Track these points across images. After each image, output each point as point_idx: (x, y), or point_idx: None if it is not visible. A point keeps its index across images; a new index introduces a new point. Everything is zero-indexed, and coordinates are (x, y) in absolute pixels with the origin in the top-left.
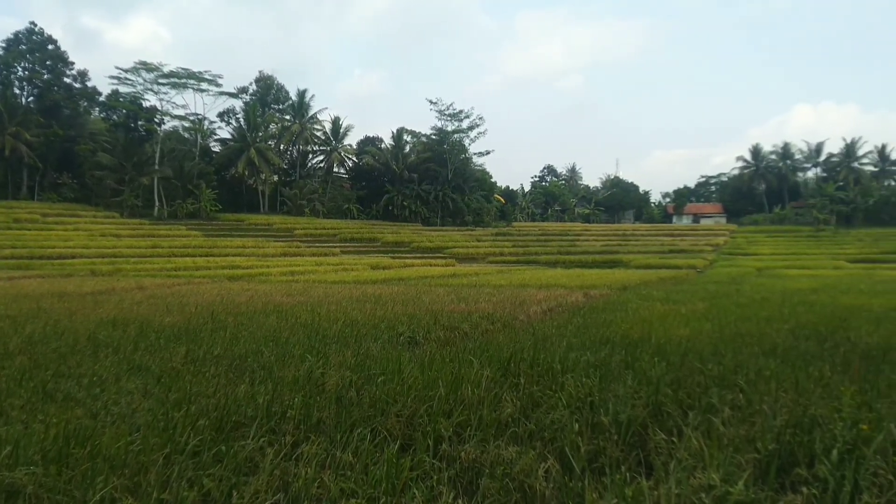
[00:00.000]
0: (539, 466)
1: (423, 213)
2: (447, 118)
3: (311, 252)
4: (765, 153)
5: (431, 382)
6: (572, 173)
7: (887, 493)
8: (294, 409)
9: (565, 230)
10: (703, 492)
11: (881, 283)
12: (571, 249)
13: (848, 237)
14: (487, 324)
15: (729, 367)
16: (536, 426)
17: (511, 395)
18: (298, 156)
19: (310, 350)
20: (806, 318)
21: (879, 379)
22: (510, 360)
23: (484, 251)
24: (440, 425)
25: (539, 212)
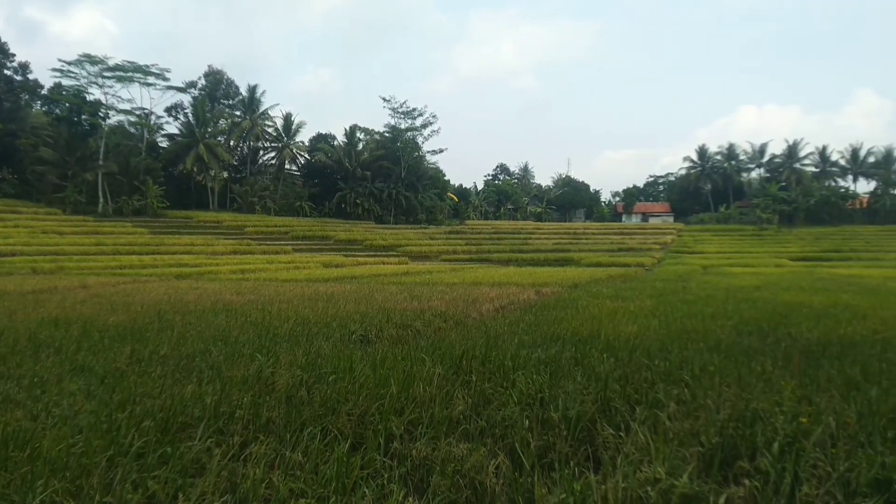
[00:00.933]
0: (489, 463)
1: (377, 211)
2: (401, 116)
3: (263, 250)
4: (711, 154)
5: (383, 381)
6: (525, 172)
7: (826, 484)
8: (243, 409)
9: (518, 228)
10: (649, 485)
11: (821, 281)
12: (524, 247)
13: (790, 236)
14: (440, 322)
15: (675, 363)
16: (487, 423)
17: (463, 392)
18: (249, 152)
19: (260, 349)
20: (749, 315)
21: (819, 373)
22: (462, 358)
23: (437, 249)
24: (392, 423)
25: (492, 210)
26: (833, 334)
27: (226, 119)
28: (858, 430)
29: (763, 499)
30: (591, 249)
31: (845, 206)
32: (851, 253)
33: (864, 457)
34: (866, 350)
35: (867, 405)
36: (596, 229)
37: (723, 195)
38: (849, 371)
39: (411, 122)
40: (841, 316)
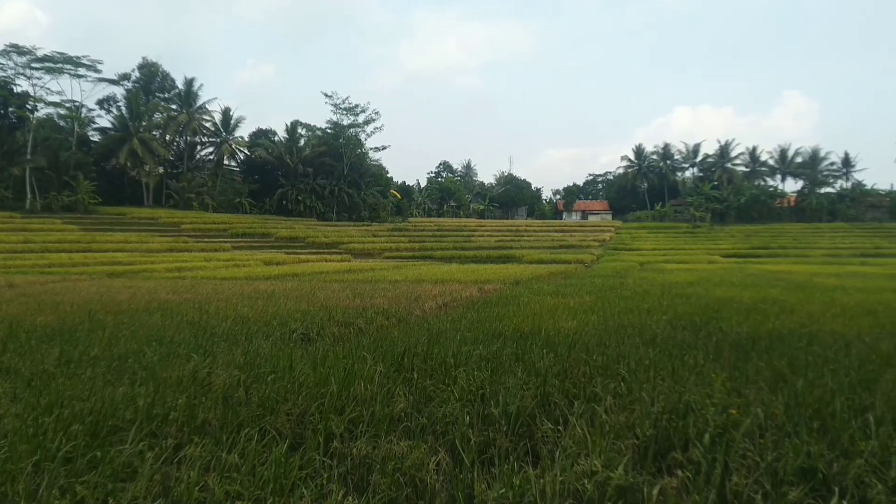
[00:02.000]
0: (430, 460)
1: (319, 208)
2: (343, 112)
3: (200, 247)
4: (647, 153)
5: (324, 379)
6: (468, 170)
7: (754, 473)
8: (177, 410)
9: (461, 226)
10: (585, 478)
11: (751, 277)
12: (467, 245)
13: (722, 233)
14: (382, 319)
15: (612, 357)
16: (429, 420)
17: (404, 389)
18: (186, 147)
19: (196, 349)
20: (683, 310)
21: (748, 366)
22: (404, 355)
23: (380, 246)
24: (332, 422)
25: (435, 207)
26: (762, 328)
27: (161, 113)
28: (785, 421)
29: (695, 489)
30: (532, 247)
31: (774, 204)
32: (780, 250)
33: (790, 446)
34: (793, 343)
35: (793, 397)
36: (537, 227)
37: (659, 194)
38: (776, 364)
39: (354, 119)
40: (770, 310)
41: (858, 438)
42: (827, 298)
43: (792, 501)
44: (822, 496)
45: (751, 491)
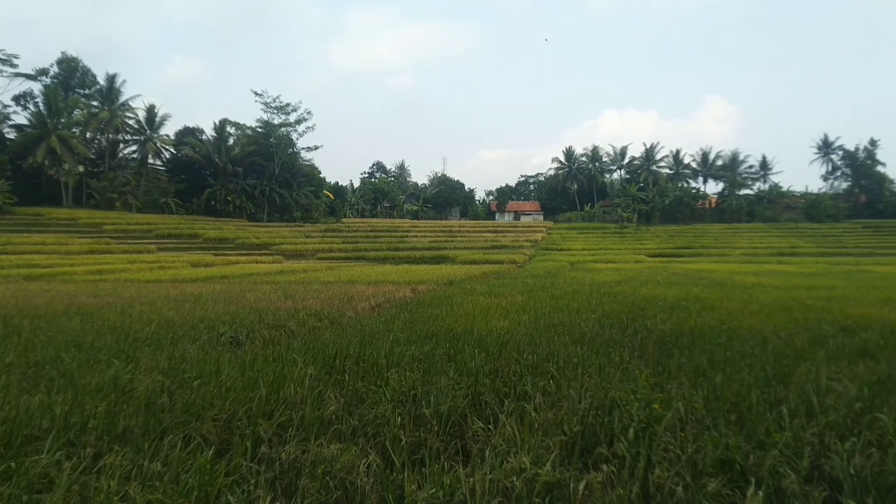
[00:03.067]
0: (361, 462)
1: (249, 209)
2: (273, 111)
3: (123, 249)
4: (577, 155)
5: (252, 383)
6: (401, 170)
7: (676, 466)
8: (97, 418)
9: (394, 226)
10: (514, 475)
11: (675, 276)
12: (400, 245)
13: (648, 234)
14: (315, 321)
15: (542, 356)
16: (360, 422)
17: (335, 392)
18: (108, 145)
19: (118, 354)
20: (611, 308)
21: (670, 362)
22: (336, 357)
23: (313, 247)
24: (260, 427)
25: (369, 208)
26: (685, 325)
27: (82, 109)
28: (705, 415)
29: (619, 482)
30: (466, 247)
31: (696, 205)
32: (702, 249)
33: (709, 439)
34: (713, 339)
35: (713, 391)
36: (471, 227)
37: (588, 195)
38: (697, 359)
39: (285, 118)
40: (692, 308)
41: (773, 430)
42: (745, 296)
43: (710, 493)
44: (739, 487)
45: (672, 483)
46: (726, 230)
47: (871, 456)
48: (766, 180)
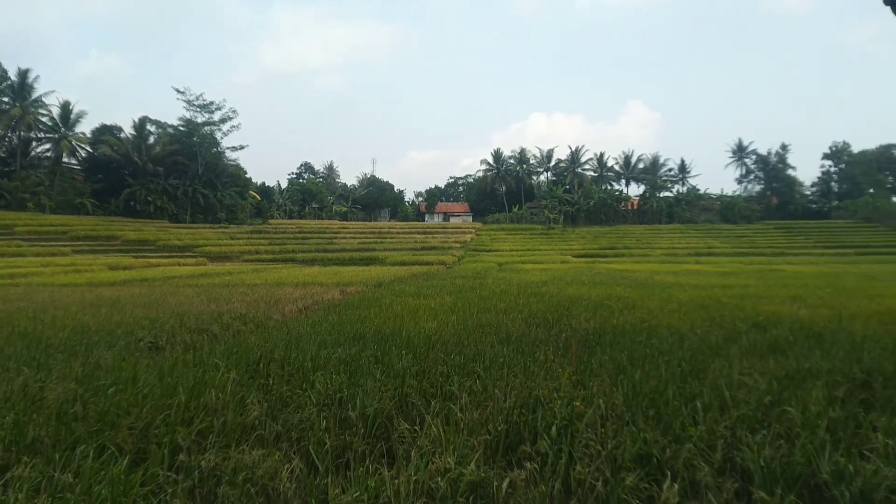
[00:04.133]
0: (284, 468)
1: (171, 210)
2: (197, 109)
3: (36, 252)
4: (505, 157)
5: (171, 389)
6: (330, 171)
7: (596, 461)
8: (5, 429)
9: (323, 228)
10: (439, 475)
11: (599, 276)
12: (329, 247)
13: (573, 235)
14: (239, 324)
15: (469, 356)
16: (284, 427)
17: (259, 396)
18: (19, 143)
19: (29, 362)
20: (537, 308)
21: (593, 360)
22: (260, 361)
23: (238, 249)
24: (178, 435)
25: (297, 209)
26: (607, 324)
27: None
28: (625, 411)
29: (542, 479)
30: (395, 248)
31: (619, 207)
32: (625, 250)
33: (628, 434)
34: (634, 337)
35: (632, 387)
36: (400, 228)
37: (516, 196)
38: (618, 357)
39: (209, 116)
40: (615, 307)
41: (688, 424)
42: (665, 295)
43: (628, 487)
44: (656, 480)
45: (592, 479)
46: (648, 231)
47: (780, 447)
48: (685, 183)
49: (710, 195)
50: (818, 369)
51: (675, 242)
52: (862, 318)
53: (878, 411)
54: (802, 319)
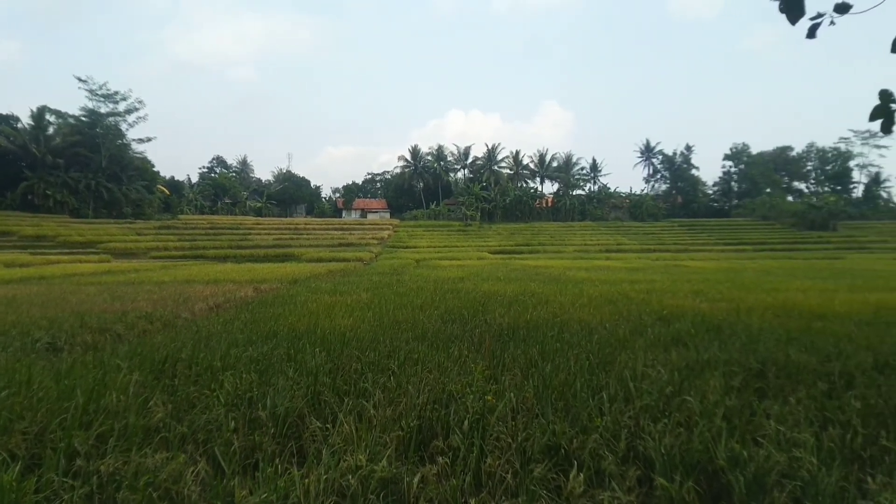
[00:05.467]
0: (188, 470)
1: (72, 204)
2: (100, 99)
3: None
4: (423, 154)
5: (69, 392)
6: (244, 165)
7: (506, 454)
8: None
9: (236, 223)
10: (350, 473)
11: (514, 272)
12: (243, 243)
13: (490, 231)
14: (145, 323)
15: (384, 353)
16: (189, 428)
17: (164, 398)
18: None
19: None
20: (453, 304)
21: (505, 355)
22: (166, 361)
23: (145, 246)
24: (76, 438)
25: (208, 204)
26: (521, 319)
27: None
28: (535, 403)
29: (453, 473)
30: (312, 245)
31: (535, 205)
32: (539, 246)
33: (538, 427)
34: (546, 332)
35: (542, 380)
36: (317, 225)
37: (434, 193)
38: (530, 351)
39: (113, 107)
40: (528, 302)
41: (595, 415)
42: (577, 290)
43: (537, 477)
44: (564, 470)
45: (502, 471)
46: (561, 228)
47: (680, 435)
48: (597, 182)
49: (619, 194)
50: (717, 360)
51: (587, 239)
52: (758, 311)
53: (771, 399)
54: (704, 313)
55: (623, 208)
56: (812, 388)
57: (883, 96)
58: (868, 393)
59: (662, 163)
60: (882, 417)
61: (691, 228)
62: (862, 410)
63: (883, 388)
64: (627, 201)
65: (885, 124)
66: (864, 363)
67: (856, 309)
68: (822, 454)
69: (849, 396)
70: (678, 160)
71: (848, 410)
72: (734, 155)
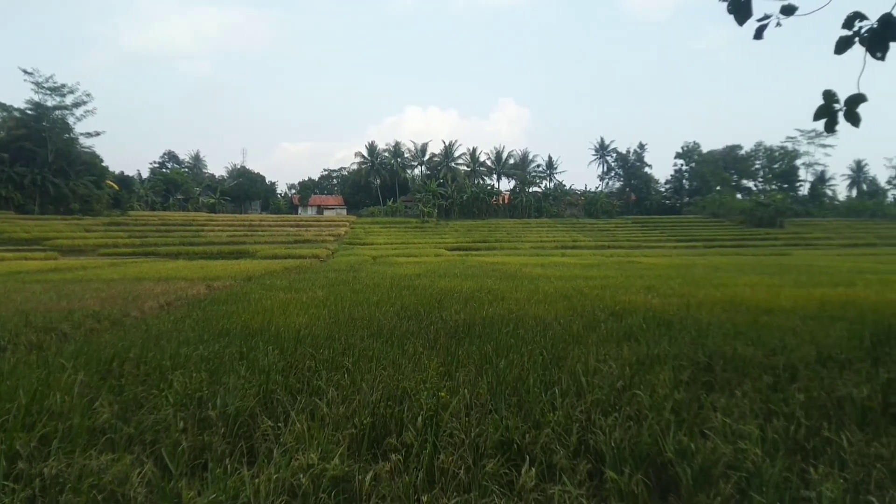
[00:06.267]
0: (134, 472)
1: (17, 199)
2: (47, 92)
3: None
4: (380, 151)
5: (11, 393)
6: (196, 161)
7: (459, 450)
8: None
9: (189, 220)
10: (301, 472)
11: (471, 268)
12: (195, 240)
13: (447, 228)
14: (93, 322)
15: (339, 350)
16: (136, 429)
17: (110, 398)
18: None
19: None
20: (409, 301)
21: (460, 351)
22: (113, 361)
23: (94, 243)
24: (18, 440)
25: (160, 200)
26: (477, 315)
27: None
28: (489, 399)
29: (406, 470)
30: (267, 241)
31: (491, 201)
32: (496, 243)
33: (491, 422)
34: (501, 328)
35: (496, 376)
36: (272, 221)
37: (391, 190)
38: (485, 347)
39: (60, 100)
40: (484, 299)
41: (547, 410)
42: (532, 287)
43: (489, 473)
44: (516, 465)
45: (455, 467)
46: (518, 225)
47: (630, 429)
48: (552, 179)
49: (575, 191)
50: (667, 354)
51: (543, 236)
52: (707, 306)
53: (718, 392)
54: (655, 308)
55: (578, 205)
56: (758, 381)
57: (826, 96)
58: (811, 385)
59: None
60: (824, 409)
61: (644, 225)
62: (805, 403)
63: (825, 380)
64: (582, 199)
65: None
66: (808, 356)
67: (800, 304)
68: (766, 446)
69: (793, 389)
70: (632, 158)
71: (792, 403)
72: (685, 153)
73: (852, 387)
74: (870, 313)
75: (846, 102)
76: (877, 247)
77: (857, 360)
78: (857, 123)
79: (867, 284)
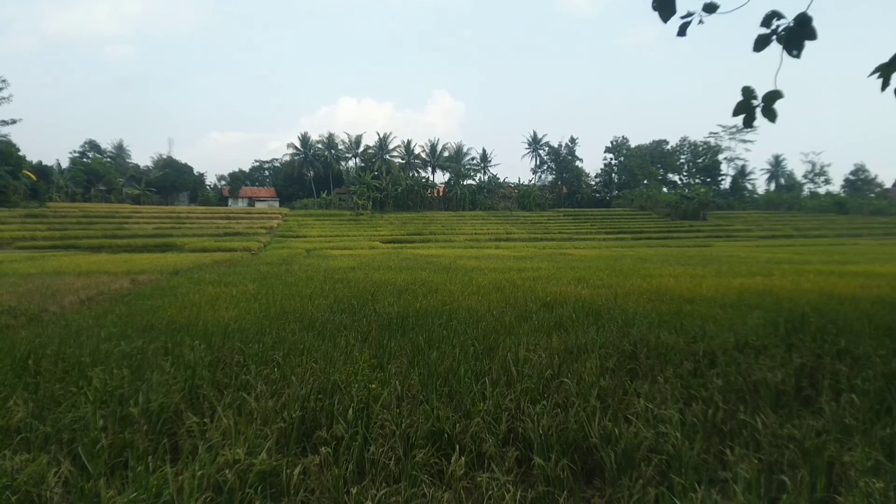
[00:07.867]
0: (51, 472)
1: None
2: None
3: None
4: (313, 142)
5: None
6: (120, 150)
7: (390, 441)
8: None
9: (112, 212)
10: (227, 468)
11: (405, 261)
12: (119, 233)
13: (382, 221)
14: (8, 318)
15: (269, 344)
16: (53, 428)
17: (25, 396)
18: None
19: None
20: (343, 294)
21: (392, 343)
22: (28, 358)
23: (10, 235)
24: None
25: (80, 191)
26: (411, 308)
27: None
28: (420, 390)
29: (336, 463)
30: (196, 234)
31: (426, 194)
32: (431, 235)
33: (422, 413)
34: (435, 320)
35: (428, 368)
36: (201, 213)
37: (324, 182)
38: (417, 339)
39: None
40: (419, 291)
41: (478, 400)
42: (466, 279)
43: (419, 462)
44: (447, 454)
45: (385, 458)
46: (452, 217)
47: (557, 416)
48: (487, 172)
49: (508, 184)
50: (594, 343)
51: (477, 228)
52: (634, 296)
53: (642, 379)
54: (585, 299)
55: (512, 198)
56: (679, 368)
57: (745, 93)
58: (729, 371)
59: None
60: (741, 393)
61: (576, 218)
62: (723, 387)
63: (742, 366)
64: (516, 191)
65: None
66: (727, 343)
67: (721, 293)
68: (686, 429)
69: (712, 374)
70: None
71: (710, 387)
72: (615, 147)
73: (767, 371)
74: (785, 302)
75: (763, 99)
76: (793, 238)
77: (772, 346)
78: (774, 119)
79: (783, 274)
